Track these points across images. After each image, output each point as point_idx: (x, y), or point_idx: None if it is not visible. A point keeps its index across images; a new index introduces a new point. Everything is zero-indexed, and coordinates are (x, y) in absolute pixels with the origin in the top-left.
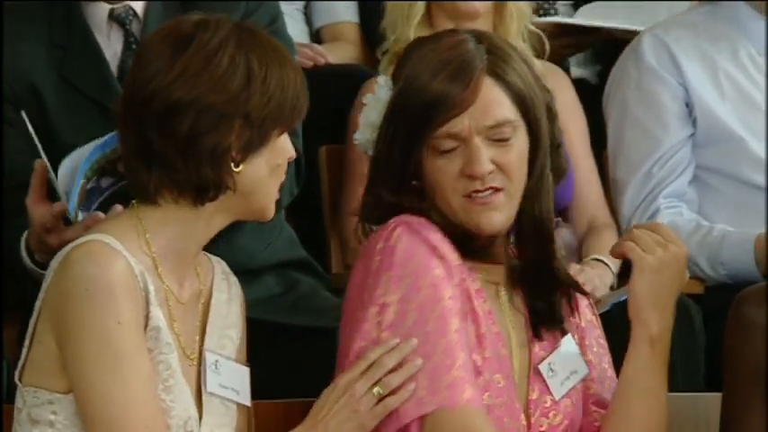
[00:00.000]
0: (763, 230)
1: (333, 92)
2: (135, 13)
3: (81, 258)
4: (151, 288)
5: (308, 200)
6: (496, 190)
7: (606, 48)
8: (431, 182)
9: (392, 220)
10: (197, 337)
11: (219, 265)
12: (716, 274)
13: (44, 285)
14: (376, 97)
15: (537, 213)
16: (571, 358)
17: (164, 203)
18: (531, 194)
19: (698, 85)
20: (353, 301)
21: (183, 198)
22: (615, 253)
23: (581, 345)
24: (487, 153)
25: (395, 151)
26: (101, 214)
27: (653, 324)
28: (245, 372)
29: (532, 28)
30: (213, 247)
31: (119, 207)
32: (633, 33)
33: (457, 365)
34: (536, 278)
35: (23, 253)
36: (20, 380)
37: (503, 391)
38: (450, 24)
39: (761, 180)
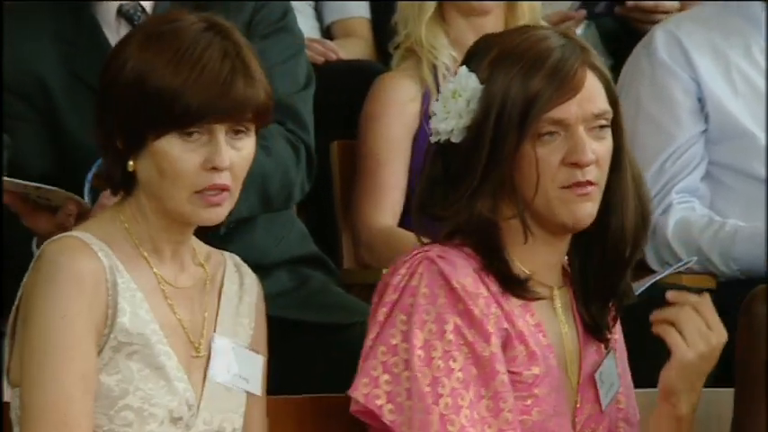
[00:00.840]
0: None
1: (344, 87)
2: (143, 10)
3: (49, 254)
4: (122, 282)
5: (320, 195)
6: (591, 183)
7: (618, 43)
8: (527, 173)
9: (413, 255)
10: (204, 326)
11: (231, 259)
12: (728, 269)
13: (22, 284)
14: (460, 85)
15: (620, 218)
16: (611, 370)
17: (135, 195)
18: (616, 192)
19: (710, 80)
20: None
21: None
22: (656, 332)
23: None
24: (590, 144)
25: (488, 141)
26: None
27: (682, 405)
28: (257, 360)
29: (543, 24)
30: (227, 243)
31: (71, 208)
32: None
33: (462, 417)
34: (600, 283)
35: (35, 249)
36: (8, 382)
37: (550, 403)
38: (461, 20)
39: None
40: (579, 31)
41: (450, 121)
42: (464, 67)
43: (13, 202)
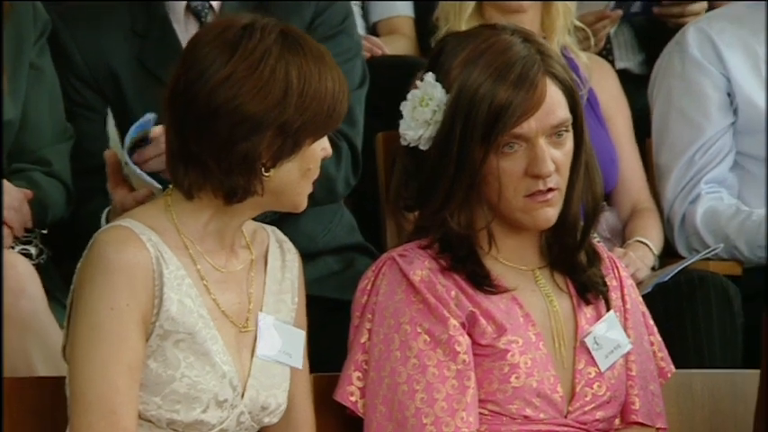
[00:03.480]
0: None
1: (388, 81)
2: (211, 8)
3: (102, 243)
4: (168, 273)
5: (366, 185)
6: (552, 190)
7: (649, 39)
8: (490, 182)
9: (381, 258)
10: (250, 305)
11: (274, 234)
12: (754, 256)
13: (79, 265)
14: (426, 94)
15: (576, 208)
16: (614, 333)
17: (197, 197)
18: (573, 187)
19: (740, 75)
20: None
21: (215, 197)
22: None
23: (624, 325)
24: (550, 154)
25: (455, 152)
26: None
27: None
28: (299, 335)
29: (578, 23)
30: (280, 229)
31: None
32: None
33: (440, 399)
34: (571, 259)
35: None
36: (63, 356)
37: (533, 370)
38: (499, 18)
39: None
40: (614, 29)
41: (418, 130)
42: (430, 73)
43: (112, 166)
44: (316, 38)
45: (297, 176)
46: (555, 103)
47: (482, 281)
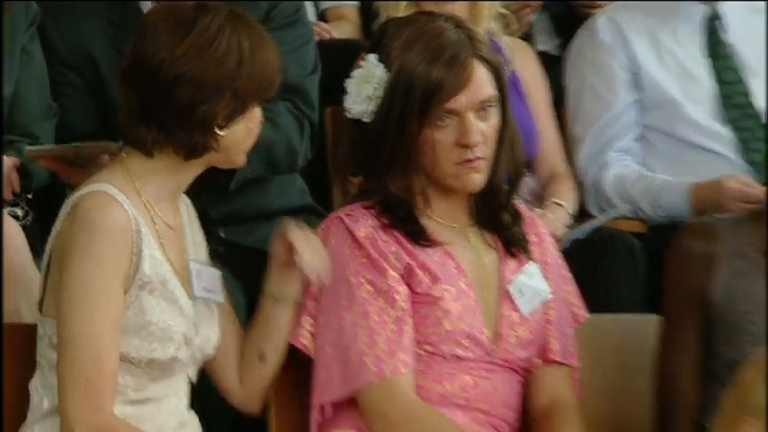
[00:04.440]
0: (695, 180)
1: (336, 62)
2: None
3: (86, 206)
4: (143, 230)
5: (316, 154)
6: (479, 158)
7: (565, 25)
8: (426, 151)
9: (330, 217)
10: (185, 256)
11: None
12: (656, 215)
13: (54, 229)
14: (369, 73)
15: (500, 174)
16: (535, 282)
17: (157, 156)
18: (498, 161)
19: (644, 58)
20: None
21: (175, 153)
22: None
23: (544, 276)
24: (477, 126)
25: (395, 125)
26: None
27: None
28: (216, 273)
29: (502, 10)
30: (238, 195)
31: (106, 158)
32: None
33: (381, 341)
34: (496, 218)
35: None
36: (40, 312)
37: (463, 315)
38: (433, 6)
39: (696, 139)
40: (535, 16)
41: (362, 105)
42: (372, 55)
43: (53, 165)
44: (273, 27)
45: (243, 135)
46: (482, 82)
47: (418, 236)
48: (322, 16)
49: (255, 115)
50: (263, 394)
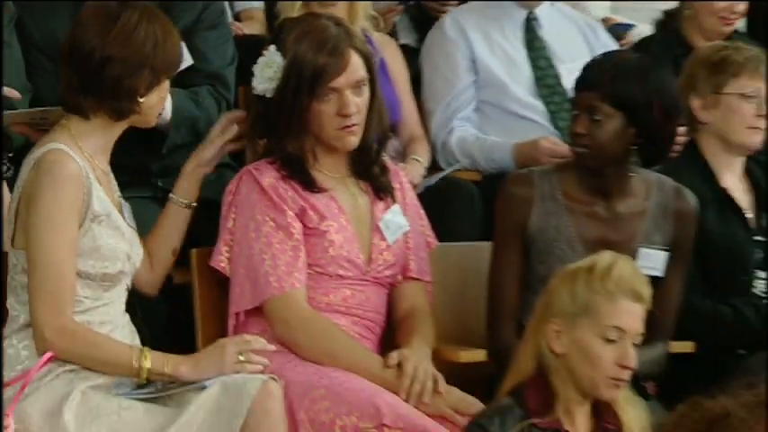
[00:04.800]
0: (518, 141)
1: (246, 52)
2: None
3: (47, 159)
4: (91, 176)
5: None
6: (354, 124)
7: (421, 23)
8: (314, 119)
9: (242, 170)
10: (116, 195)
11: None
12: (489, 168)
13: (20, 180)
14: (270, 60)
15: (371, 138)
16: (398, 218)
17: (93, 119)
18: (369, 124)
19: (479, 49)
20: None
21: (108, 117)
22: None
23: (404, 213)
24: (353, 100)
25: (290, 100)
26: None
27: None
28: (129, 206)
29: (373, 12)
30: (171, 155)
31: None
32: None
33: (281, 264)
34: (369, 170)
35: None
36: (12, 245)
37: (343, 244)
38: (319, 8)
39: (518, 111)
40: (398, 17)
41: (265, 84)
42: (273, 46)
43: (23, 130)
44: (203, 26)
45: (156, 101)
46: (356, 67)
47: (310, 185)
48: (237, 17)
49: (165, 86)
50: (165, 277)
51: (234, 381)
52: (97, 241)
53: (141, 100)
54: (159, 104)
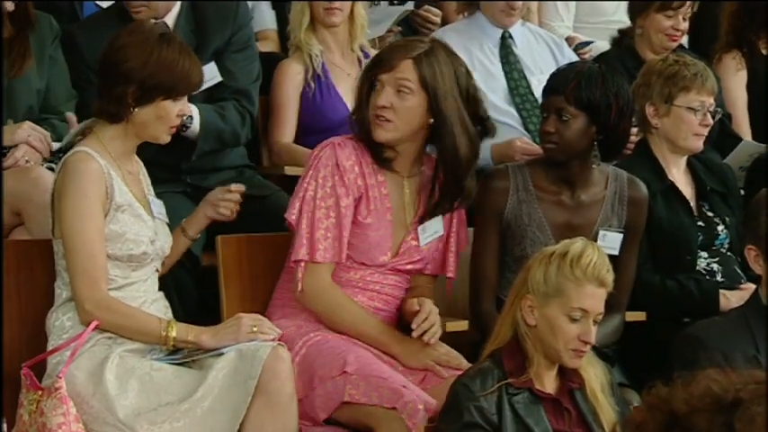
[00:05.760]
0: (496, 142)
1: (262, 68)
2: (166, 26)
3: (73, 162)
4: (113, 174)
5: (253, 129)
6: (388, 120)
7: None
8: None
9: (327, 141)
10: (146, 192)
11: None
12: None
13: (54, 178)
14: None
15: (459, 153)
16: (436, 224)
17: (115, 126)
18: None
19: None
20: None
21: (107, 119)
22: None
23: (449, 219)
24: (389, 95)
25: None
26: None
27: None
28: (161, 203)
29: (367, 31)
30: (199, 160)
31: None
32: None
33: (330, 238)
34: (447, 190)
35: None
36: (53, 236)
37: (377, 241)
38: (323, 29)
39: (496, 116)
40: (392, 38)
41: None
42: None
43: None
44: (232, 49)
45: (153, 119)
46: (404, 70)
47: (380, 162)
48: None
49: (165, 109)
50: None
51: (248, 347)
52: (122, 227)
53: (133, 111)
54: (159, 125)
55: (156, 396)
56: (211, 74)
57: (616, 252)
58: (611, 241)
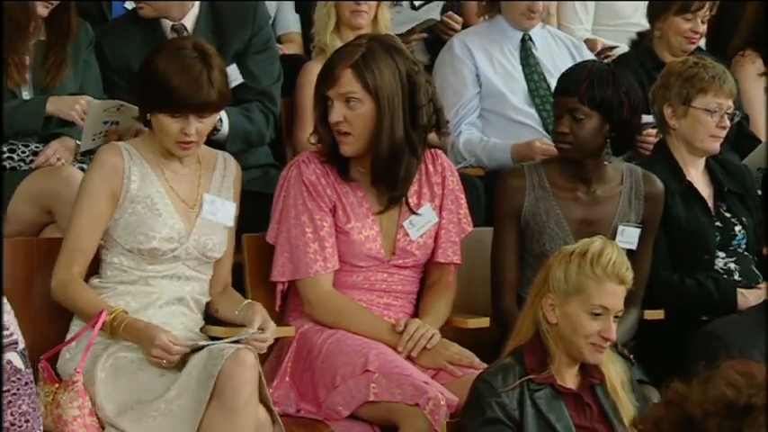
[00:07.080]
0: (515, 142)
1: (286, 70)
2: (185, 28)
3: (100, 150)
4: (135, 169)
5: (276, 128)
6: (347, 133)
7: (434, 45)
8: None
9: (295, 159)
10: (199, 192)
11: (222, 155)
12: (490, 165)
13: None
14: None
15: (382, 150)
16: (427, 215)
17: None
18: (377, 139)
19: (482, 65)
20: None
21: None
22: None
23: (440, 206)
24: (340, 110)
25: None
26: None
27: None
28: (231, 205)
29: (391, 33)
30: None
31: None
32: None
33: (310, 252)
34: (382, 180)
35: None
36: None
37: (366, 243)
38: (348, 31)
39: (515, 117)
40: (417, 42)
41: None
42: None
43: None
44: (253, 50)
45: (158, 130)
46: (346, 82)
47: (345, 175)
48: (278, 39)
49: (162, 122)
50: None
51: (217, 348)
52: (138, 218)
53: (149, 117)
54: (164, 137)
55: (137, 394)
56: (233, 76)
57: (634, 247)
58: (629, 236)
